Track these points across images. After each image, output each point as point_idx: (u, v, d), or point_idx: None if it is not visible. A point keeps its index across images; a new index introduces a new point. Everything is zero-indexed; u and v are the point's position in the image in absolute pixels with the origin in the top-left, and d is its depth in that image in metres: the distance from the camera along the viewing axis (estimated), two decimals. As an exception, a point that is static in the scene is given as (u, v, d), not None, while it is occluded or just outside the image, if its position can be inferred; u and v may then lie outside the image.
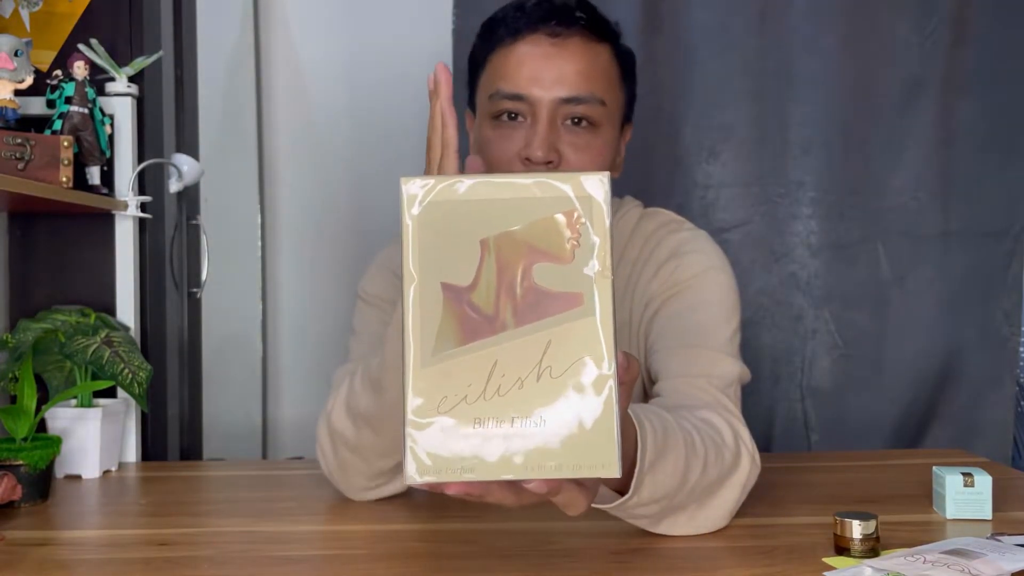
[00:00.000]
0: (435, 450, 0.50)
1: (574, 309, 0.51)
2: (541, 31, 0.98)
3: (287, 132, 1.98)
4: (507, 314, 0.51)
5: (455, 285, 0.51)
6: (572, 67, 0.97)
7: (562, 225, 0.52)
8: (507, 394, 0.50)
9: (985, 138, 1.74)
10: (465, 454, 0.50)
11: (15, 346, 1.25)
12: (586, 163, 0.98)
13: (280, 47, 1.97)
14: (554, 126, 0.97)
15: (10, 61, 1.21)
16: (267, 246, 2.00)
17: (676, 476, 0.79)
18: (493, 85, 1.00)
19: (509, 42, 0.99)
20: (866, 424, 1.76)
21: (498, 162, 0.99)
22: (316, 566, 0.83)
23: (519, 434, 0.50)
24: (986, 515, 0.95)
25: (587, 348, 0.51)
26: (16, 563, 0.84)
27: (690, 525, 0.87)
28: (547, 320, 0.51)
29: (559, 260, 0.51)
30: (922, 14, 1.73)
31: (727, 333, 1.01)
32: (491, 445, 0.50)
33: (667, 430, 0.78)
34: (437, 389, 0.50)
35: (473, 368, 0.50)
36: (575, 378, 0.50)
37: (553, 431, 0.50)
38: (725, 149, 1.76)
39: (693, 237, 1.08)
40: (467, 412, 0.50)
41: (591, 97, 0.98)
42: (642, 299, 1.06)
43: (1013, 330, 1.75)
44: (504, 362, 0.51)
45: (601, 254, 0.51)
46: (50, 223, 1.41)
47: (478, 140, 1.04)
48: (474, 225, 0.51)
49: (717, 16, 1.74)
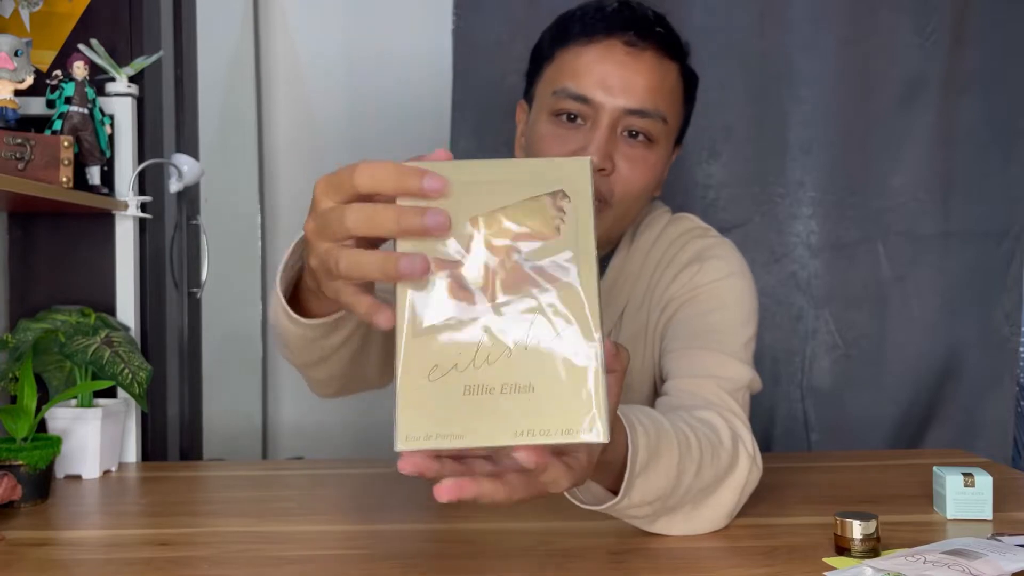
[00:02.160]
0: (425, 418, 0.50)
1: (560, 281, 0.52)
2: (617, 37, 0.97)
3: (287, 132, 1.99)
4: (496, 287, 0.52)
5: (446, 259, 0.53)
6: (643, 79, 0.97)
7: (548, 205, 0.54)
8: (496, 363, 0.51)
9: (985, 138, 1.74)
10: (455, 422, 0.50)
11: (15, 346, 1.25)
12: (638, 177, 0.98)
13: (280, 47, 1.97)
14: (613, 135, 0.97)
15: (10, 61, 1.21)
16: (267, 246, 2.00)
17: (669, 478, 0.79)
18: (559, 82, 0.99)
19: (584, 42, 0.98)
20: (866, 424, 1.76)
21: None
22: (316, 566, 0.83)
23: (508, 402, 0.51)
24: (986, 515, 0.95)
25: (573, 318, 0.52)
26: (16, 563, 0.84)
27: (687, 526, 0.87)
28: (535, 292, 0.52)
29: (545, 237, 0.53)
30: (922, 14, 1.73)
31: (742, 339, 1.01)
32: (481, 413, 0.50)
33: (660, 432, 0.78)
34: (427, 358, 0.51)
35: (463, 338, 0.52)
36: (562, 347, 0.51)
37: (542, 399, 0.51)
38: (725, 149, 1.76)
39: (716, 244, 1.09)
40: (457, 380, 0.51)
41: (655, 113, 0.97)
42: (660, 301, 1.06)
43: (1013, 330, 1.75)
44: (493, 332, 0.52)
45: (585, 231, 0.53)
46: (50, 223, 1.41)
47: (531, 133, 1.02)
48: (464, 204, 0.53)
49: (717, 16, 1.74)
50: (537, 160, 0.56)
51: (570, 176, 0.54)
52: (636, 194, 1.00)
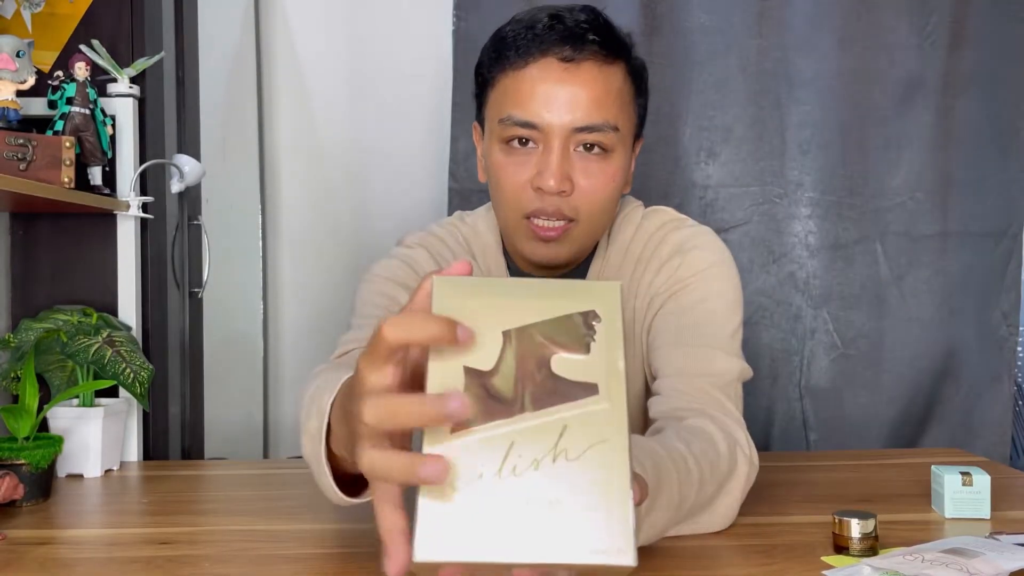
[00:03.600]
0: (445, 528, 0.49)
1: (591, 396, 0.52)
2: (553, 55, 0.94)
3: (288, 132, 1.99)
4: (526, 398, 0.52)
5: (477, 369, 0.52)
6: (585, 94, 0.94)
7: (579, 323, 0.54)
8: (523, 475, 0.50)
9: (983, 138, 1.75)
10: (475, 534, 0.49)
11: (17, 346, 1.25)
12: (599, 190, 0.96)
13: (281, 48, 1.97)
14: (566, 154, 0.95)
15: (12, 62, 1.21)
16: (268, 246, 2.00)
17: (671, 510, 0.80)
18: (503, 109, 0.96)
19: (520, 65, 0.95)
20: (865, 423, 1.76)
21: (509, 189, 0.97)
22: (317, 565, 0.84)
23: (533, 515, 0.49)
24: (984, 514, 0.95)
25: (604, 434, 0.51)
26: (18, 562, 0.84)
27: (690, 529, 0.88)
28: (565, 405, 0.52)
29: (576, 352, 0.53)
30: (921, 14, 1.74)
31: (728, 330, 1.00)
32: (503, 525, 0.49)
33: (659, 468, 0.77)
34: (452, 466, 0.50)
35: (490, 448, 0.51)
36: (591, 462, 0.50)
37: (568, 516, 0.49)
38: (724, 149, 1.77)
39: (696, 234, 1.07)
40: (481, 490, 0.50)
41: (604, 125, 0.95)
42: (645, 298, 1.05)
43: (1011, 330, 1.76)
44: (521, 443, 0.51)
45: (614, 351, 0.53)
46: (52, 223, 1.41)
47: (488, 161, 1.01)
48: (497, 319, 0.53)
49: (716, 16, 1.74)
50: (569, 282, 0.56)
51: (601, 297, 0.54)
52: (602, 206, 0.99)
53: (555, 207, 0.95)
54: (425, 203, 1.91)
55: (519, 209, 0.97)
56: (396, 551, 0.50)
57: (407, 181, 1.94)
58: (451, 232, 1.13)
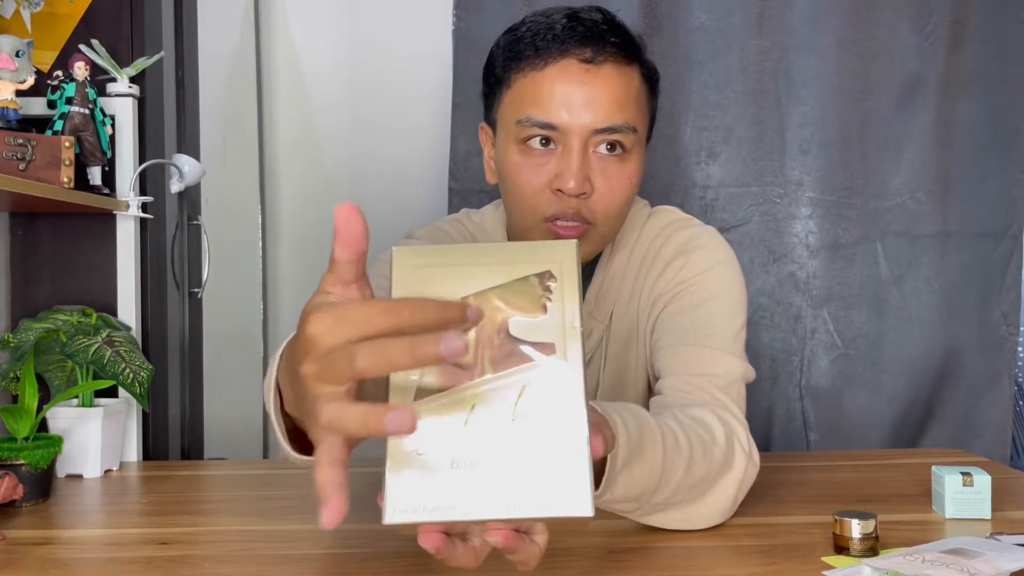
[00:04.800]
0: (412, 490, 0.51)
1: (548, 357, 0.54)
2: (573, 56, 0.93)
3: (288, 132, 1.99)
4: (485, 362, 0.54)
5: None
6: (606, 95, 0.94)
7: (535, 285, 0.55)
8: (484, 436, 0.52)
9: (984, 138, 1.75)
10: (442, 494, 0.51)
11: (16, 346, 1.25)
12: (618, 192, 0.96)
13: (281, 47, 1.97)
14: (586, 155, 0.94)
15: (11, 62, 1.21)
16: (268, 246, 2.00)
17: (653, 475, 0.79)
18: (522, 110, 0.96)
19: (539, 65, 0.94)
20: (865, 423, 1.76)
21: (528, 191, 0.96)
22: (317, 565, 0.84)
23: (495, 475, 0.52)
24: (985, 514, 0.95)
25: (561, 392, 0.53)
26: (17, 562, 0.84)
27: (685, 521, 0.87)
28: (524, 366, 0.54)
29: (533, 314, 0.55)
30: (921, 14, 1.73)
31: (732, 331, 1.00)
32: (467, 485, 0.51)
33: (643, 429, 0.77)
34: (416, 431, 0.51)
35: (451, 412, 0.53)
36: (548, 423, 0.52)
37: (528, 473, 0.52)
38: (724, 149, 1.76)
39: (700, 234, 1.07)
40: (444, 453, 0.52)
41: (624, 126, 0.95)
42: (649, 298, 1.05)
43: (1011, 330, 1.76)
44: (481, 406, 0.53)
45: (571, 310, 0.55)
46: (51, 223, 1.41)
47: (502, 161, 1.00)
48: (456, 286, 0.55)
49: (716, 16, 1.74)
50: (525, 244, 0.58)
51: (557, 258, 0.56)
52: (619, 209, 0.99)
53: (574, 209, 0.95)
54: (425, 203, 1.91)
55: (538, 212, 0.97)
56: (333, 502, 0.51)
57: (407, 181, 1.93)
58: (457, 227, 1.13)
